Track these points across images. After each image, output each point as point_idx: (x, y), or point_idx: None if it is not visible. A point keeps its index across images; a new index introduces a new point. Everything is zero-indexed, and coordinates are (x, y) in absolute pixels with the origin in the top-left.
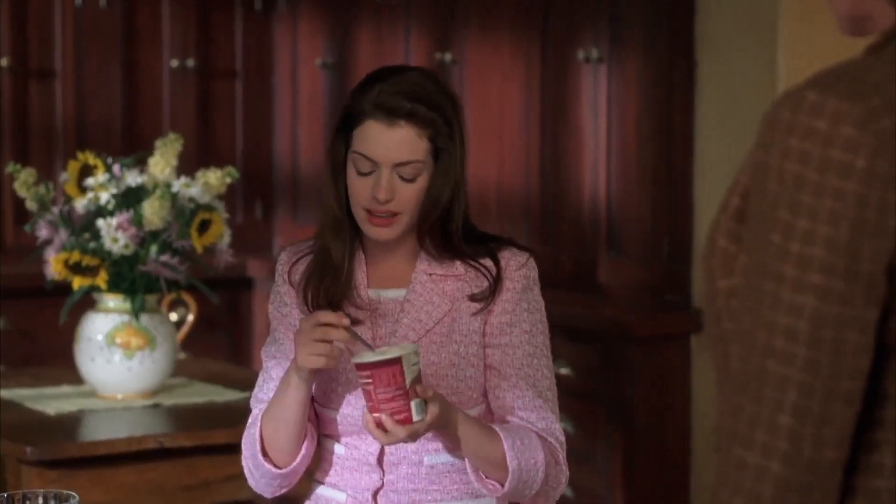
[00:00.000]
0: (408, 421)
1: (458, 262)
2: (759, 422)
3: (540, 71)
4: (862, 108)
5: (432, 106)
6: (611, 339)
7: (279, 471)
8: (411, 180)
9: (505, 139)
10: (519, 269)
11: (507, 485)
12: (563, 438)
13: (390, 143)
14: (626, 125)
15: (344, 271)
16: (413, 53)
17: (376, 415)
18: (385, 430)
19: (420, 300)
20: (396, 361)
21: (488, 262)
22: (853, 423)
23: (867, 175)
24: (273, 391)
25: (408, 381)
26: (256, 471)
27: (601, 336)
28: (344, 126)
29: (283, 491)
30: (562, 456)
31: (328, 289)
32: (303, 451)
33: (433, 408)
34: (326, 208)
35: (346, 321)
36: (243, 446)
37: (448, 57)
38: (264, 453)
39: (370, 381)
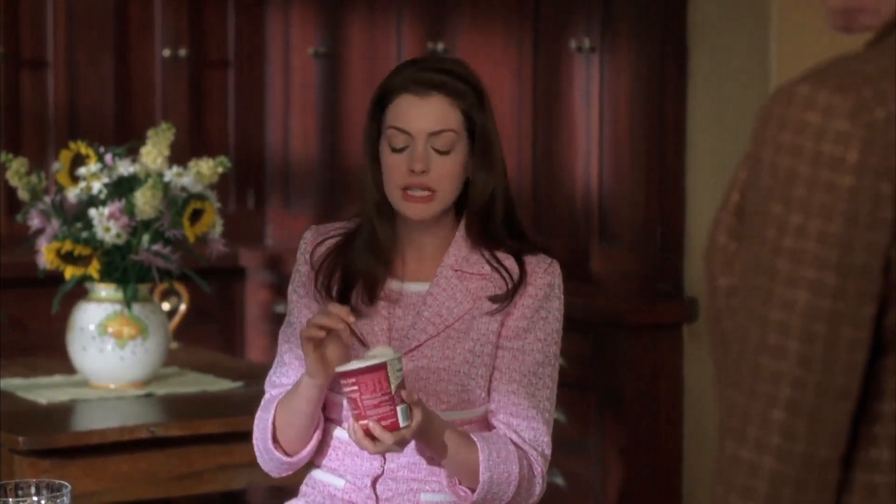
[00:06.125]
0: (395, 427)
1: (484, 263)
2: (753, 417)
3: (532, 61)
4: (853, 100)
5: (463, 79)
6: (603, 328)
7: (288, 459)
8: (446, 153)
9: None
10: (543, 276)
11: (476, 494)
12: (548, 452)
13: (422, 112)
14: (618, 115)
15: (389, 253)
16: (405, 42)
17: (363, 422)
18: (373, 439)
19: (443, 295)
20: (381, 367)
21: (513, 266)
22: (848, 418)
23: (859, 168)
24: (285, 375)
25: (393, 387)
26: (266, 454)
27: (593, 325)
28: (377, 108)
29: (290, 474)
30: (541, 469)
31: (367, 268)
32: (313, 440)
33: (417, 413)
34: (367, 193)
35: (352, 319)
36: (255, 427)
37: (440, 46)
38: (275, 439)
39: (356, 388)
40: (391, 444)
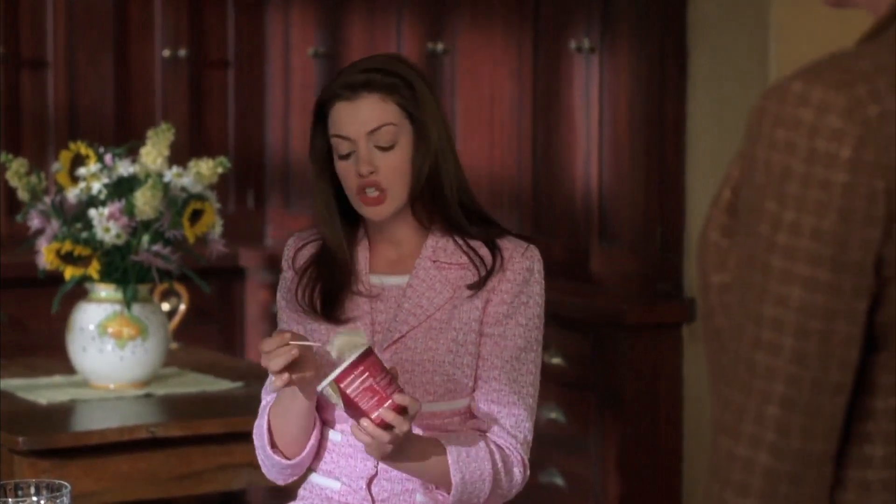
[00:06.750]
0: None
1: (462, 253)
2: (747, 413)
3: (532, 61)
4: (847, 96)
5: (389, 73)
6: (602, 327)
7: (288, 462)
8: (389, 148)
9: (497, 129)
10: (521, 260)
11: (451, 497)
12: (530, 437)
13: (356, 115)
14: (618, 115)
15: (345, 259)
16: (405, 43)
17: (389, 402)
18: (403, 413)
19: (422, 286)
20: (371, 350)
21: (487, 254)
22: (842, 414)
23: (853, 165)
24: None
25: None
26: (267, 461)
27: (593, 325)
28: (319, 120)
29: (295, 478)
30: (521, 456)
31: (332, 277)
32: (311, 441)
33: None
34: (314, 205)
35: (287, 336)
36: (254, 436)
37: (440, 47)
38: (273, 445)
39: (366, 374)
40: (418, 410)
